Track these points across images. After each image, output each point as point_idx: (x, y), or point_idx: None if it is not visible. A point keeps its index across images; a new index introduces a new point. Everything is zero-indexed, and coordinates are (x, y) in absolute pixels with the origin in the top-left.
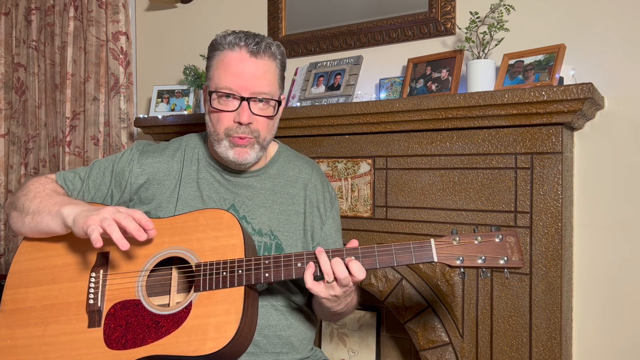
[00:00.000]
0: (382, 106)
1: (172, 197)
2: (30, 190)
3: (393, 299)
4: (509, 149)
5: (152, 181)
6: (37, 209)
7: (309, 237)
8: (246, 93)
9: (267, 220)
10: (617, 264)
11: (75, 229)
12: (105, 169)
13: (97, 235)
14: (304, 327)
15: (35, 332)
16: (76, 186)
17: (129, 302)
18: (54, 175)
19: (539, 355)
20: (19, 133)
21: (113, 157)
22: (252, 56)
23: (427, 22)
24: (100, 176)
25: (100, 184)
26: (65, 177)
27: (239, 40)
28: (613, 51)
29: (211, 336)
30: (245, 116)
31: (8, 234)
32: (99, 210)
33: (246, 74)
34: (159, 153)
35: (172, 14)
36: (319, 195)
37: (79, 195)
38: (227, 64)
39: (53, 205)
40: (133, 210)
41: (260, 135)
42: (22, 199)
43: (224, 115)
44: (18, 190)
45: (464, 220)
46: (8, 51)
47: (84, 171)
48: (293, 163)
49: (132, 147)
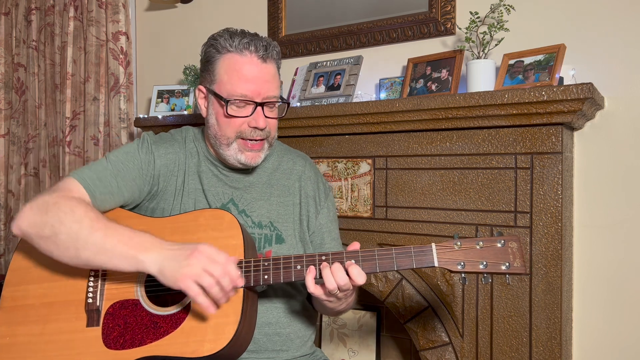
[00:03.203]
0: (382, 106)
1: (179, 189)
2: (78, 221)
3: (393, 299)
4: (509, 149)
5: (166, 172)
6: (103, 247)
7: (305, 226)
8: (259, 98)
9: (266, 212)
10: (617, 264)
11: (163, 280)
12: (132, 171)
13: (204, 300)
14: (304, 324)
15: (34, 329)
16: (109, 202)
17: (128, 302)
18: (80, 186)
19: (539, 355)
20: (19, 133)
21: (132, 157)
22: (262, 62)
23: (427, 22)
24: (130, 181)
25: (132, 188)
26: (94, 192)
27: (247, 44)
28: (613, 51)
29: (209, 337)
30: (261, 121)
31: (8, 234)
32: (188, 260)
33: (258, 80)
34: (170, 143)
35: (172, 14)
36: (313, 185)
37: (114, 205)
38: (239, 69)
39: (124, 247)
40: (227, 260)
41: (271, 134)
42: (72, 225)
43: (237, 120)
44: (51, 208)
45: (464, 221)
46: (8, 51)
47: (112, 183)
48: (287, 156)
49: (144, 139)
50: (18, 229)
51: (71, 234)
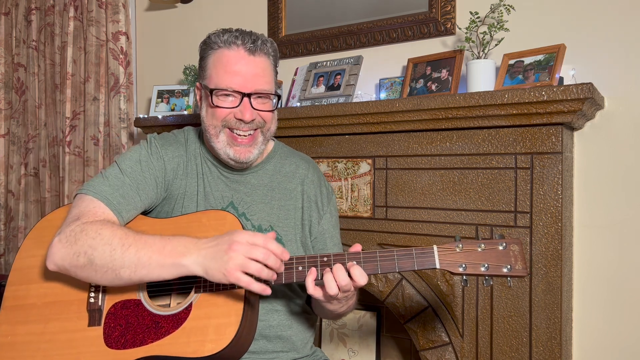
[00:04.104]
0: (382, 106)
1: (181, 192)
2: (108, 242)
3: (393, 299)
4: (509, 149)
5: (173, 176)
6: (139, 262)
7: (307, 231)
8: (247, 90)
9: (267, 215)
10: (617, 264)
11: (211, 279)
12: (150, 182)
13: (258, 286)
14: (305, 326)
15: (35, 329)
16: (133, 216)
17: (130, 302)
18: (103, 206)
19: (539, 355)
20: (19, 133)
21: (147, 166)
22: (250, 54)
23: (427, 22)
24: (150, 192)
25: (152, 198)
26: (120, 212)
27: (235, 38)
28: (613, 51)
29: (210, 338)
30: (247, 114)
31: (8, 234)
32: (228, 253)
33: (245, 73)
34: (175, 146)
35: (172, 14)
36: (316, 190)
37: (135, 215)
38: (226, 62)
39: (159, 256)
40: (265, 239)
41: (265, 126)
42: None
43: (223, 110)
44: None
45: (464, 221)
46: (8, 51)
47: (136, 199)
48: (289, 159)
49: (152, 143)
50: (54, 265)
51: (105, 257)
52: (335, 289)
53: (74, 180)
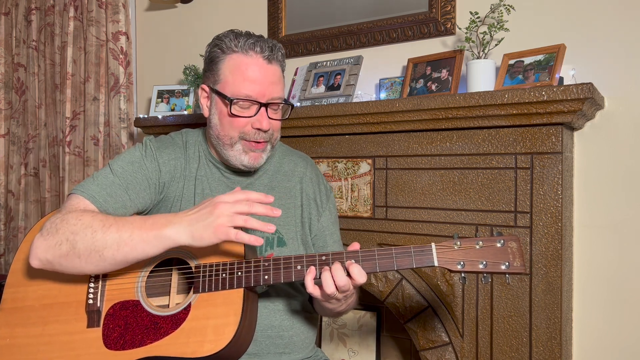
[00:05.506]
0: (382, 106)
1: (178, 195)
2: (89, 225)
3: (393, 299)
4: (509, 149)
5: (170, 179)
6: (121, 239)
7: (307, 229)
8: (264, 99)
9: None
10: (617, 264)
11: (198, 243)
12: (141, 182)
13: (249, 237)
14: (306, 327)
15: (34, 331)
16: (115, 214)
17: (128, 303)
18: (89, 204)
19: (539, 355)
20: (19, 133)
21: (139, 167)
22: (268, 62)
23: (427, 22)
24: (142, 192)
25: (144, 199)
26: (107, 209)
27: (253, 45)
28: (613, 51)
29: (209, 338)
30: (265, 123)
31: (8, 234)
32: (213, 213)
33: (263, 81)
34: (171, 149)
35: (172, 14)
36: (315, 187)
37: None
38: (244, 70)
39: (141, 231)
40: (246, 193)
41: (274, 136)
42: (85, 232)
43: (241, 119)
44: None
45: (464, 221)
46: (8, 51)
47: (124, 197)
48: (288, 158)
49: (147, 145)
50: (37, 261)
51: (87, 240)
52: (333, 287)
53: (74, 180)
